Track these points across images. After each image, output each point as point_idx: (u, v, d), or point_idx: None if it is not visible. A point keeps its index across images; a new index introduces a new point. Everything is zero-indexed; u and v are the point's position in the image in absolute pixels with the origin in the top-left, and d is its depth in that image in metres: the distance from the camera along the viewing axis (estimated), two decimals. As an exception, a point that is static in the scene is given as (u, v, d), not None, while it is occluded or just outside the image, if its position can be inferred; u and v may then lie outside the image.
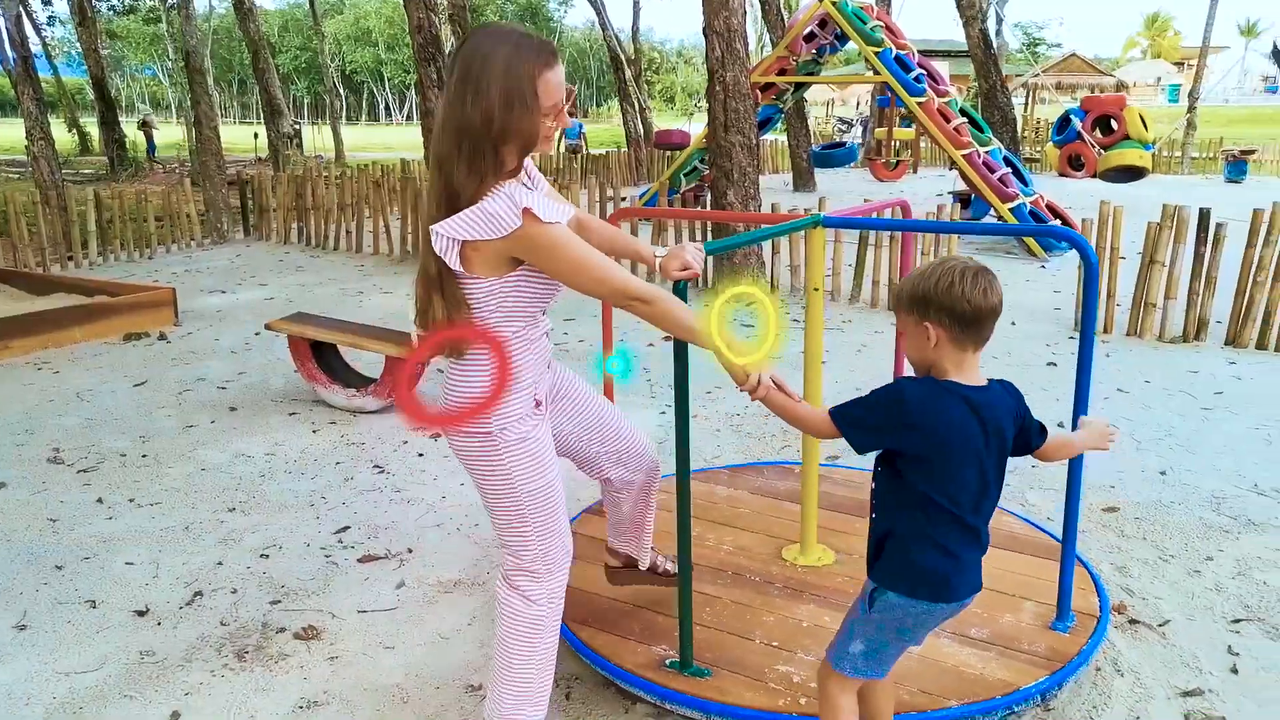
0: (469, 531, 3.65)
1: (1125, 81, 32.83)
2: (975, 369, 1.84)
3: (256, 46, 19.01)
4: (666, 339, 6.27)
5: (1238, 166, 17.66)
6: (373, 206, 10.60)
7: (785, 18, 16.04)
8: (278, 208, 11.47)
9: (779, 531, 3.30)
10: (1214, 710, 2.50)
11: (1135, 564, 3.33)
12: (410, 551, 3.49)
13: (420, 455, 4.45)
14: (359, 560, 3.43)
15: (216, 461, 4.42)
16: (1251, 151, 19.30)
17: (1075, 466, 2.58)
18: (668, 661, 2.52)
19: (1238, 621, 2.92)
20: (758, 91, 11.10)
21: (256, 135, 21.98)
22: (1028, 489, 3.95)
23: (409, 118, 69.32)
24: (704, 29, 7.78)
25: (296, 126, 21.38)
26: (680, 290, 2.20)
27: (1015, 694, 2.40)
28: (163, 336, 6.83)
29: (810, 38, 11.57)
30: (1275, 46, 48.43)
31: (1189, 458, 4.29)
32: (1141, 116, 17.05)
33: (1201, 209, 6.30)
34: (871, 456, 1.95)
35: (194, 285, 8.72)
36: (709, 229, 8.13)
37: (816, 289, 2.93)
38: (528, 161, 2.10)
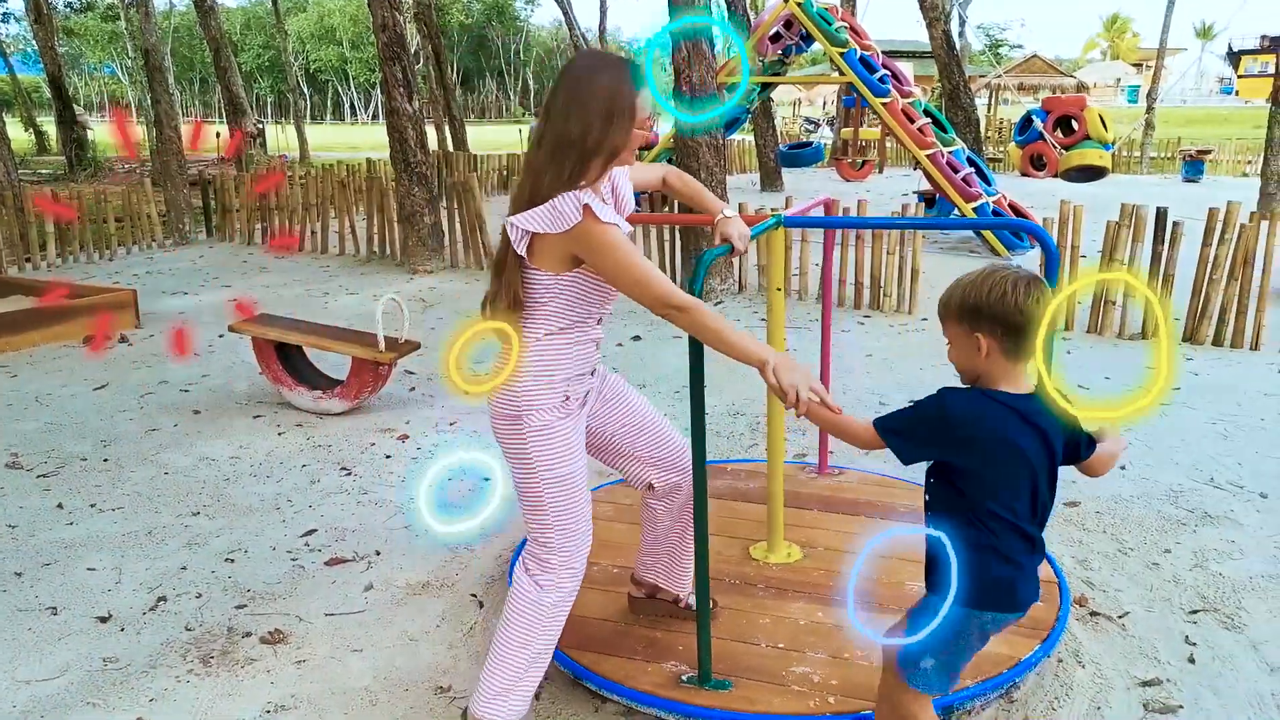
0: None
1: (1085, 82, 33.37)
2: (1023, 377, 1.82)
3: (218, 44, 18.78)
4: (651, 327, 6.28)
5: (1195, 166, 18.01)
6: (338, 207, 10.51)
7: (751, 18, 16.13)
8: (240, 208, 11.34)
9: (743, 532, 3.31)
10: (1172, 699, 2.56)
11: (1096, 557, 3.39)
12: (378, 554, 3.47)
13: (388, 457, 4.42)
14: (326, 563, 3.41)
15: (180, 465, 4.37)
16: (1208, 151, 19.69)
17: None
18: (684, 678, 2.48)
19: (1195, 612, 2.99)
20: (724, 92, 11.14)
21: (219, 135, 21.70)
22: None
23: (374, 117, 68.73)
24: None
25: (260, 125, 21.16)
26: (711, 255, 2.33)
27: (981, 684, 2.44)
28: (124, 339, 6.72)
29: (776, 38, 11.64)
30: (1230, 49, 49.46)
31: (1148, 452, 4.37)
32: (1101, 117, 17.34)
33: (1158, 208, 6.43)
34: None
35: (155, 287, 8.60)
36: (676, 232, 8.14)
37: (779, 289, 2.96)
38: (617, 172, 2.35)
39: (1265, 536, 3.53)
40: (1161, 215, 6.35)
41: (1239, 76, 51.26)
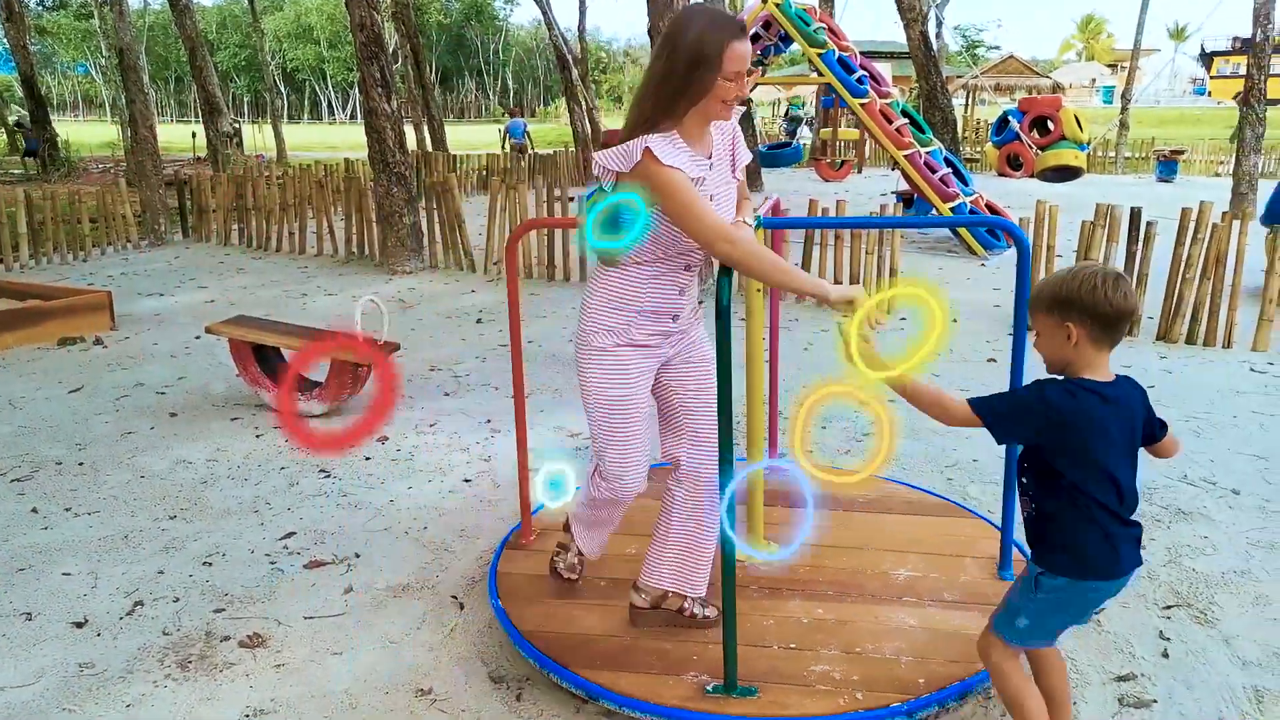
0: (418, 535, 3.62)
1: (1061, 83, 33.64)
2: (1107, 366, 1.98)
3: (193, 43, 18.58)
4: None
5: (1168, 166, 18.23)
6: (316, 207, 10.45)
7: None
8: (217, 208, 11.25)
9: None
10: (1146, 694, 2.59)
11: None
12: (358, 556, 3.46)
13: (367, 459, 4.40)
14: (305, 566, 3.39)
15: (156, 468, 4.33)
16: (1181, 152, 19.93)
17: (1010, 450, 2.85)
18: (710, 688, 2.43)
19: (1169, 608, 3.03)
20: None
21: (195, 134, 21.50)
22: (969, 483, 4.05)
23: (352, 117, 68.36)
24: (649, 29, 7.82)
25: (236, 125, 20.95)
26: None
27: (957, 685, 2.47)
28: (99, 341, 6.66)
29: (755, 39, 11.66)
30: (1202, 50, 50.06)
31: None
32: (1076, 117, 17.51)
33: (1133, 208, 6.50)
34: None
35: (131, 288, 8.51)
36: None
37: (758, 290, 2.97)
38: (731, 128, 2.48)
39: (1237, 532, 3.58)
40: (1136, 215, 6.43)
41: (1211, 77, 51.93)
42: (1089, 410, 1.91)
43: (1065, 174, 16.68)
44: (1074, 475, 1.93)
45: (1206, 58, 51.87)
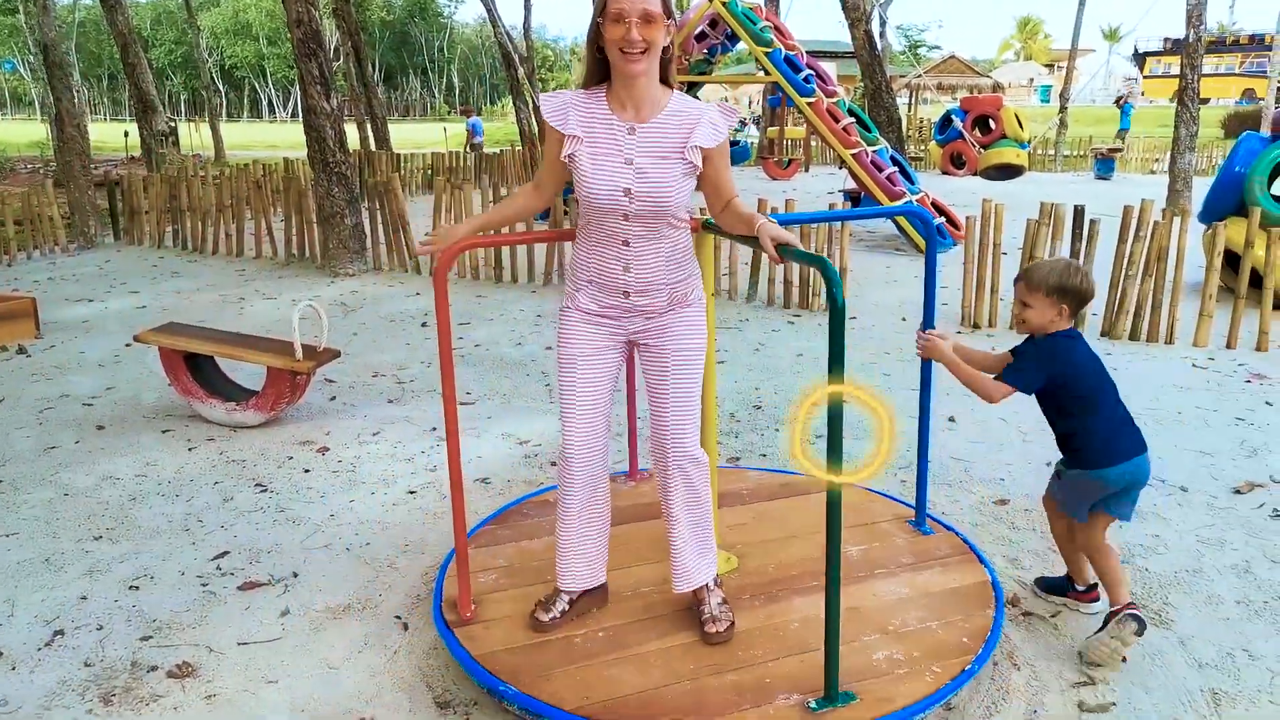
0: (359, 552, 3.47)
1: (1001, 82, 34.25)
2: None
3: (125, 39, 17.99)
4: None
5: (1106, 164, 18.61)
6: (254, 208, 10.15)
7: (676, 17, 16.10)
8: (150, 210, 10.88)
9: (652, 555, 3.10)
10: (1105, 698, 2.56)
11: (1027, 555, 3.41)
12: (295, 576, 3.30)
13: (307, 471, 4.23)
14: (239, 588, 3.22)
15: (81, 485, 4.11)
16: (1118, 150, 20.36)
17: (926, 381, 3.20)
18: (812, 704, 2.31)
19: (1124, 609, 3.01)
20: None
21: (127, 134, 20.85)
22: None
23: (294, 115, 67.07)
24: (595, 27, 7.70)
25: (172, 124, 20.36)
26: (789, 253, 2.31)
27: (924, 700, 2.40)
28: (22, 350, 6.35)
29: (701, 37, 11.62)
30: (1136, 50, 51.40)
31: (1072, 448, 4.43)
32: (1017, 116, 17.79)
33: (1076, 206, 6.57)
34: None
35: (58, 294, 8.17)
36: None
37: (711, 293, 2.88)
38: (698, 112, 2.45)
39: (1187, 530, 3.59)
40: (1079, 213, 6.49)
41: (1145, 77, 53.31)
42: (1082, 347, 2.76)
43: (1008, 172, 16.94)
44: (1086, 393, 2.71)
45: (1140, 58, 53.26)
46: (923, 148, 21.85)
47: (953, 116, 18.24)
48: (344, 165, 8.97)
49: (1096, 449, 2.71)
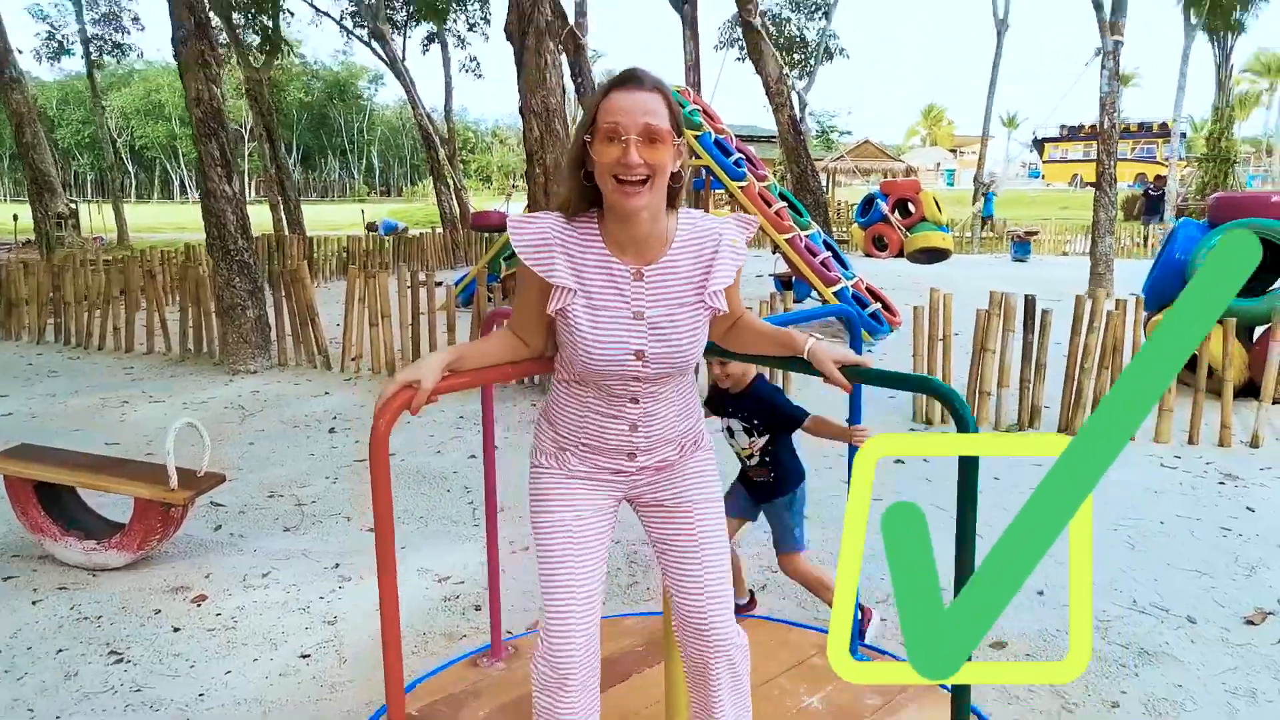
0: (232, 747, 2.78)
1: (913, 166, 35.35)
2: None
3: (20, 118, 17.06)
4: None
5: (1023, 246, 18.96)
6: (148, 298, 9.34)
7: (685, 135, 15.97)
8: (30, 301, 9.96)
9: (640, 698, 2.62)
10: None
11: (1037, 716, 2.90)
12: (145, 789, 2.59)
13: (176, 630, 3.50)
14: (68, 812, 2.50)
15: (-115, 658, 3.31)
16: (1034, 232, 20.85)
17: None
18: None
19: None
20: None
21: (16, 217, 19.70)
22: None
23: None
24: (520, 108, 7.30)
25: (72, 205, 19.30)
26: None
27: None
28: None
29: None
30: (1035, 137, 53.89)
31: (1058, 569, 3.97)
32: (935, 200, 18.05)
33: (1026, 296, 6.30)
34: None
35: (-90, 399, 7.24)
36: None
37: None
38: (714, 244, 1.98)
39: (1210, 676, 3.15)
40: (1031, 303, 6.22)
41: (1044, 162, 55.85)
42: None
43: (934, 255, 17.06)
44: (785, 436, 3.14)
45: (1038, 144, 55.88)
46: (847, 230, 22.06)
47: (875, 199, 18.42)
48: (245, 253, 8.29)
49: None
